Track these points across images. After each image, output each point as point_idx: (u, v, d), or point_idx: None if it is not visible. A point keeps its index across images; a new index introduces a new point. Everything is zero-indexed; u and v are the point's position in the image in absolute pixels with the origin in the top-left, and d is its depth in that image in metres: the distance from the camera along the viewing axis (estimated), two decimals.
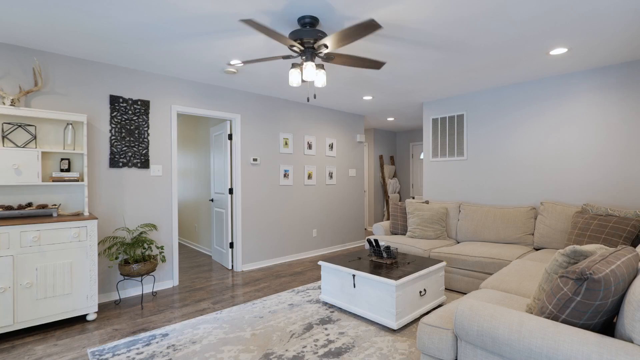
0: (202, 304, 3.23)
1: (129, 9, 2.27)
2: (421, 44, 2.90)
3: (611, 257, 1.46)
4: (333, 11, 2.31)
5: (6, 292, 2.49)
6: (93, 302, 2.86)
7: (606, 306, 1.36)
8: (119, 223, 3.43)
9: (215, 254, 4.92)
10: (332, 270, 3.09)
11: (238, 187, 4.41)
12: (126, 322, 2.84)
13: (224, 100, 4.25)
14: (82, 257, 2.81)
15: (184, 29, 2.58)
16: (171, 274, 3.80)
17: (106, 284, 3.35)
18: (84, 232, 2.83)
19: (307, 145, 5.26)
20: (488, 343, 1.49)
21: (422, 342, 1.80)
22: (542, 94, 3.91)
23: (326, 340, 2.47)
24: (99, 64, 3.31)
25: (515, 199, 4.17)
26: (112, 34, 2.67)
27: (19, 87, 2.87)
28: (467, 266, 3.43)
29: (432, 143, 5.02)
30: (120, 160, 3.43)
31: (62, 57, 3.11)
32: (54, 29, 2.59)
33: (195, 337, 2.54)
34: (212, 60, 3.29)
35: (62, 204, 3.09)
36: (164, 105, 3.73)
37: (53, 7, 2.25)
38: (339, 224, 5.75)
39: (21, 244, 2.55)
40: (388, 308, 2.62)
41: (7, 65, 2.86)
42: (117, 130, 3.41)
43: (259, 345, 2.42)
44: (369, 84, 4.12)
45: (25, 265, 2.57)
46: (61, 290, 2.71)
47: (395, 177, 8.20)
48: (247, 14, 2.34)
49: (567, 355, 1.27)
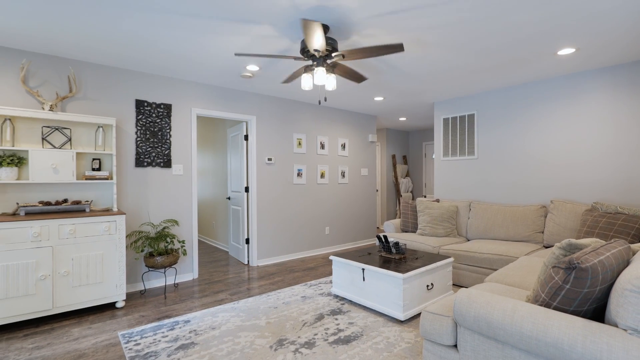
0: (220, 295, 3.44)
1: (154, 24, 2.49)
2: (429, 45, 3.01)
3: (602, 249, 1.55)
4: (342, 22, 2.46)
5: (47, 279, 2.75)
6: (121, 291, 3.10)
7: (594, 294, 1.45)
8: (144, 218, 3.68)
9: (232, 250, 5.15)
10: (343, 264, 3.23)
11: (253, 186, 4.61)
12: (151, 310, 3.07)
13: (241, 103, 4.46)
14: (111, 249, 3.06)
15: (203, 37, 2.78)
16: (191, 267, 4.03)
17: (132, 275, 3.60)
18: (113, 226, 3.07)
19: (320, 145, 5.42)
20: (484, 328, 1.61)
21: (424, 329, 1.93)
22: (552, 93, 3.94)
23: (336, 329, 2.62)
24: (126, 71, 3.57)
25: (526, 197, 4.20)
26: (137, 43, 2.90)
27: (56, 94, 3.14)
28: (475, 262, 3.50)
29: (443, 142, 5.08)
30: (145, 160, 3.68)
31: (93, 65, 3.38)
32: (86, 40, 2.84)
33: (215, 323, 2.74)
34: (229, 65, 3.49)
35: (93, 201, 3.35)
36: (184, 108, 3.97)
37: (86, 20, 2.48)
38: (351, 222, 5.88)
39: (59, 236, 2.82)
40: (395, 300, 2.75)
41: (46, 74, 3.13)
42: (142, 132, 3.66)
43: (273, 332, 2.59)
44: (379, 85, 4.24)
45: (62, 255, 2.83)
46: (94, 279, 2.96)
47: (407, 177, 8.25)
48: (265, 14, 2.51)
49: (554, 338, 1.38)
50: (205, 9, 2.31)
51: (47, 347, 2.39)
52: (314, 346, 2.36)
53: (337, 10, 2.33)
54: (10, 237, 2.62)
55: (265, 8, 2.30)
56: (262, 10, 2.34)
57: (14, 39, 2.81)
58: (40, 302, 2.73)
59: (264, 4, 2.24)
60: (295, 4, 2.26)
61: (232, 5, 2.27)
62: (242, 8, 2.30)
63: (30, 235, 2.70)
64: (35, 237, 2.71)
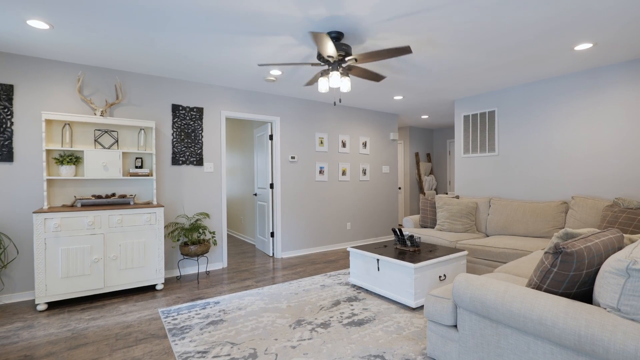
0: (246, 282, 3.75)
1: (193, 42, 2.82)
2: (441, 46, 3.13)
3: (592, 237, 1.66)
4: (355, 28, 2.66)
5: (99, 262, 3.18)
6: (160, 275, 3.49)
7: (581, 277, 1.57)
8: (179, 211, 4.07)
9: (259, 243, 5.48)
10: (360, 255, 3.43)
11: (278, 183, 4.90)
12: (186, 293, 3.43)
13: (266, 105, 4.77)
14: (152, 237, 3.45)
15: (229, 48, 3.09)
16: (221, 257, 4.39)
17: (170, 262, 4.00)
18: (153, 217, 3.46)
19: (342, 144, 5.62)
20: (478, 307, 1.76)
21: (428, 311, 2.09)
22: (573, 89, 3.90)
23: (351, 313, 2.83)
24: (163, 79, 3.97)
25: (547, 193, 4.17)
26: (172, 56, 3.26)
27: (106, 101, 3.58)
28: (491, 257, 3.57)
29: (464, 139, 5.12)
30: (180, 159, 4.07)
31: (136, 75, 3.80)
32: (131, 53, 3.23)
33: (241, 305, 3.04)
34: (254, 72, 3.79)
35: (136, 194, 3.77)
36: (214, 111, 4.33)
37: (130, 38, 2.86)
38: (372, 218, 6.04)
39: (109, 225, 3.24)
40: (407, 289, 2.91)
41: (97, 84, 3.58)
42: (177, 134, 4.05)
43: (292, 314, 2.84)
44: (397, 84, 4.38)
45: (112, 241, 3.24)
46: (137, 263, 3.36)
47: (431, 174, 8.25)
48: (285, 23, 2.77)
49: (539, 315, 1.51)
50: (229, 26, 2.60)
51: (101, 319, 2.78)
52: (329, 327, 2.59)
53: (348, 19, 2.54)
54: (70, 225, 3.06)
55: (282, 22, 2.55)
56: (280, 24, 2.59)
57: (72, 55, 3.25)
58: (94, 281, 3.16)
59: (281, 19, 2.49)
60: (308, 16, 2.49)
61: (254, 22, 2.54)
62: (263, 23, 2.56)
63: (85, 224, 3.13)
64: (90, 226, 3.14)
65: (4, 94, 3.15)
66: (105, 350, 2.28)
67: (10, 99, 3.18)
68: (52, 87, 3.37)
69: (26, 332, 2.56)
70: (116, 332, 2.55)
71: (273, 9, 2.39)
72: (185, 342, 2.37)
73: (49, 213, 2.98)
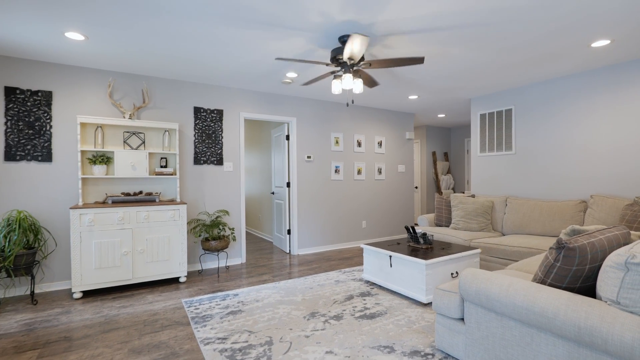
0: (264, 277, 3.91)
1: (212, 48, 3.00)
2: (452, 46, 3.17)
3: (596, 233, 1.69)
4: (368, 33, 2.75)
5: (128, 255, 3.41)
6: (183, 268, 3.70)
7: (584, 272, 1.61)
8: (201, 208, 4.28)
9: (276, 240, 5.65)
10: (373, 252, 3.51)
11: (294, 182, 5.05)
12: (207, 285, 3.62)
13: (282, 106, 4.92)
14: (176, 233, 3.66)
15: (247, 54, 3.25)
16: (240, 253, 4.57)
17: (192, 256, 4.22)
18: (177, 214, 3.68)
19: (357, 143, 5.71)
20: (483, 300, 1.82)
21: (436, 304, 2.16)
22: (592, 85, 3.82)
23: (363, 307, 2.93)
24: (186, 83, 4.19)
25: (565, 192, 4.11)
26: (194, 62, 3.45)
27: (133, 105, 3.83)
28: (506, 255, 3.57)
29: (480, 138, 5.09)
30: (201, 159, 4.28)
31: (161, 80, 4.03)
32: (156, 60, 3.45)
33: (258, 297, 3.19)
34: (271, 74, 3.94)
35: (161, 192, 4.01)
36: (234, 113, 4.52)
37: (155, 46, 3.06)
38: (387, 217, 6.09)
39: (137, 221, 3.47)
40: (419, 285, 2.98)
41: (126, 89, 3.83)
42: (199, 135, 4.26)
43: (307, 306, 2.97)
44: (411, 84, 4.43)
45: (139, 236, 3.48)
46: (162, 256, 3.58)
47: (449, 174, 8.18)
48: (300, 29, 2.90)
49: (541, 307, 1.56)
50: (248, 30, 2.75)
51: (130, 307, 3.01)
52: (342, 319, 2.69)
53: (361, 24, 2.63)
54: (102, 220, 3.31)
55: (299, 26, 2.68)
56: (297, 28, 2.71)
57: (104, 63, 3.51)
58: (123, 272, 3.40)
59: (298, 23, 2.62)
60: (324, 22, 2.60)
61: (272, 27, 2.68)
62: (281, 26, 2.70)
63: (116, 220, 3.37)
64: (120, 221, 3.38)
65: (44, 100, 3.45)
66: (135, 334, 2.49)
67: (49, 105, 3.47)
68: (85, 93, 3.64)
69: (65, 317, 2.80)
70: (144, 318, 2.76)
71: (292, 15, 2.52)
72: (206, 329, 2.54)
73: (84, 209, 3.24)
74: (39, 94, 3.43)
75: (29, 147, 3.40)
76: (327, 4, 2.36)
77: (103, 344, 2.34)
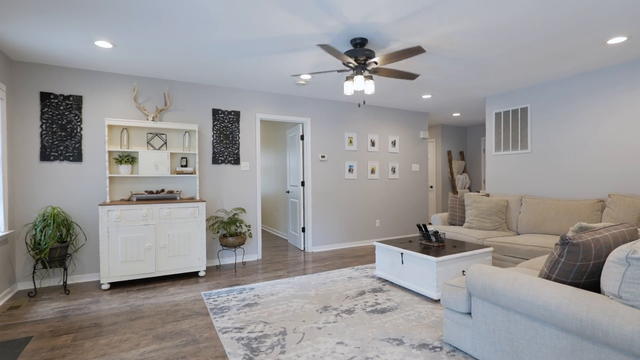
0: (279, 272, 4.04)
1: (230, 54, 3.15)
2: (465, 46, 3.20)
3: (602, 230, 1.72)
4: (379, 34, 2.83)
5: (151, 250, 3.62)
6: (203, 263, 3.88)
7: (588, 267, 1.64)
8: (219, 206, 4.46)
9: (291, 238, 5.78)
10: (385, 249, 3.58)
11: (309, 181, 5.16)
12: (225, 279, 3.78)
13: (297, 107, 5.05)
14: (195, 229, 3.84)
15: (263, 61, 3.38)
16: (256, 249, 4.73)
17: (210, 252, 4.40)
18: (197, 211, 3.86)
19: (371, 143, 5.77)
20: (489, 294, 1.87)
21: (444, 299, 2.22)
22: (610, 83, 3.76)
23: (374, 302, 3.00)
24: (205, 86, 4.37)
25: (582, 192, 4.05)
26: (213, 66, 3.62)
27: (156, 107, 4.04)
28: (519, 254, 3.56)
29: (495, 137, 5.06)
30: (219, 158, 4.45)
31: (181, 83, 4.23)
32: (177, 65, 3.63)
33: (274, 291, 3.32)
34: (285, 77, 4.06)
35: (182, 191, 4.21)
36: (250, 114, 4.67)
37: (177, 53, 3.24)
38: (401, 215, 6.12)
39: (159, 217, 3.66)
40: (430, 281, 3.03)
41: (149, 93, 4.05)
42: (217, 135, 4.44)
43: (320, 301, 3.07)
44: (423, 84, 4.46)
45: (162, 232, 3.67)
46: (183, 251, 3.77)
47: (465, 173, 8.11)
48: (315, 34, 3.01)
49: (544, 301, 1.61)
50: (264, 42, 2.88)
51: (153, 298, 3.19)
52: (353, 313, 2.78)
53: (371, 26, 2.71)
54: (128, 216, 3.52)
55: (308, 34, 2.78)
56: (306, 36, 2.82)
57: (129, 68, 3.73)
58: (147, 266, 3.60)
59: (306, 38, 2.73)
60: (328, 26, 2.70)
61: (283, 37, 2.80)
62: (293, 36, 2.82)
63: (140, 216, 3.58)
64: (144, 217, 3.59)
65: (75, 104, 3.69)
66: (158, 322, 2.66)
67: (80, 108, 3.71)
68: (112, 96, 3.87)
69: (94, 306, 3.02)
70: (166, 309, 2.93)
71: (304, 25, 2.63)
72: (224, 319, 2.69)
73: (111, 206, 3.46)
74: (71, 99, 3.68)
75: (61, 148, 3.65)
76: (346, 5, 2.45)
77: (130, 330, 2.52)
